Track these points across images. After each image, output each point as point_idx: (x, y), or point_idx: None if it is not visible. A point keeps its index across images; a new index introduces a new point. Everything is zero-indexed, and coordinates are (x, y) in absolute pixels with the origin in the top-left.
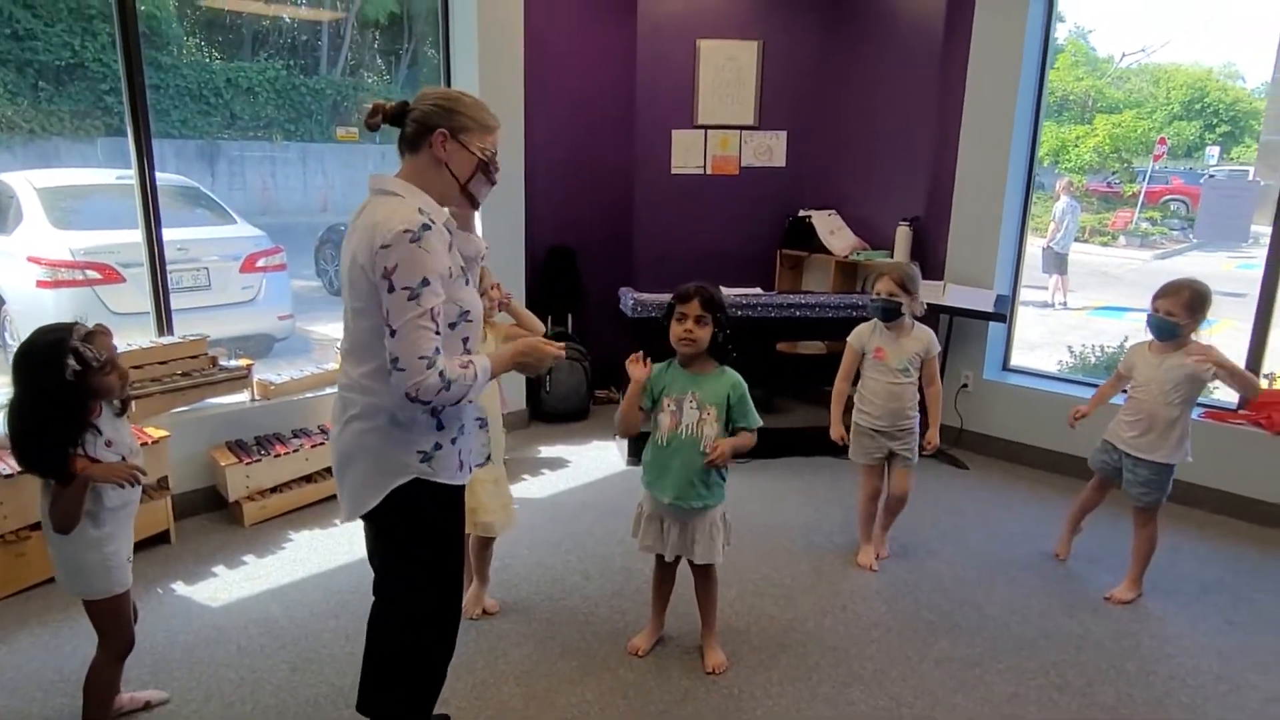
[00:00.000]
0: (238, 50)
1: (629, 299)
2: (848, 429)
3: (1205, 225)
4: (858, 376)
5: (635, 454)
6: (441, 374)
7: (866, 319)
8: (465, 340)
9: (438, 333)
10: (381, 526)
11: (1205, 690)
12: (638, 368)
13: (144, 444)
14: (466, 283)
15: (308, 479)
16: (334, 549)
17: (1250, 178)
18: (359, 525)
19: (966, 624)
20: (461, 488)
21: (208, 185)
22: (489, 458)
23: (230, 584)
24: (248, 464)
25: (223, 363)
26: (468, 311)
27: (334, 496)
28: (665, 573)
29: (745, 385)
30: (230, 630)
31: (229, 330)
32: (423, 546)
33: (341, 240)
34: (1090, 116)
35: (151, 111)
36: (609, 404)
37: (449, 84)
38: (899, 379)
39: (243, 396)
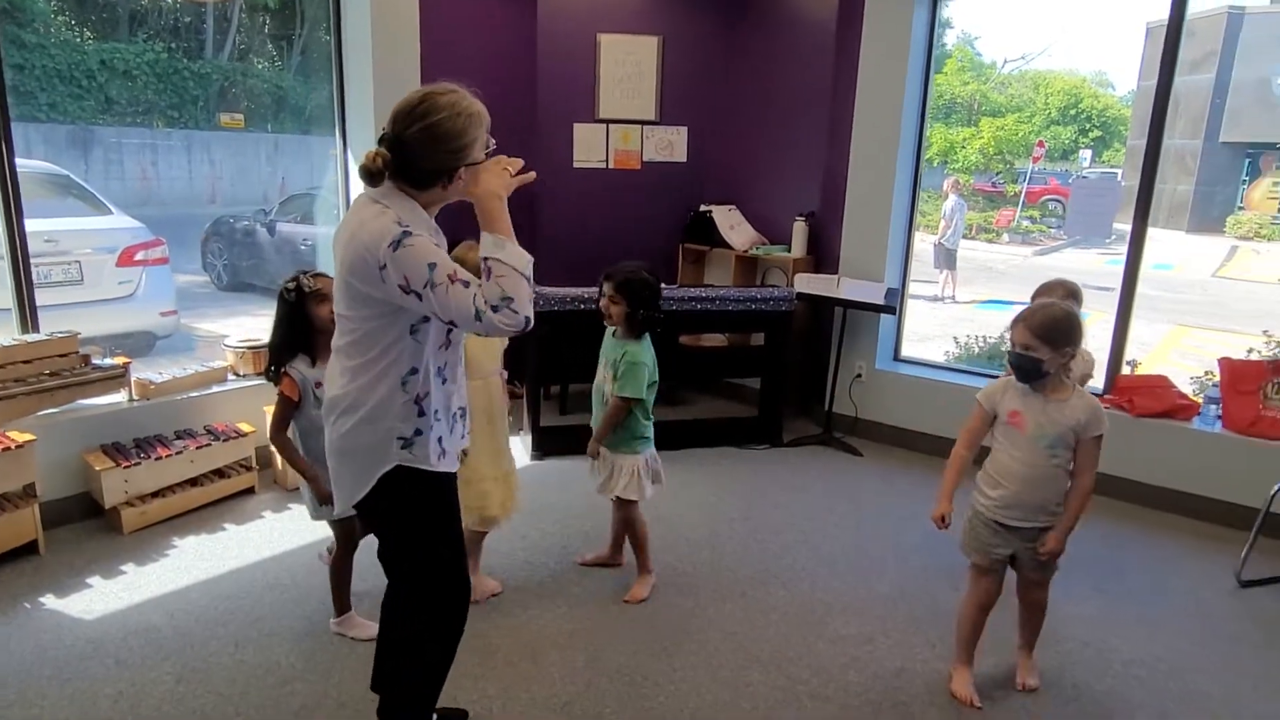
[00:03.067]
0: (113, 30)
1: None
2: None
3: (1074, 223)
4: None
5: (540, 448)
6: (494, 309)
7: (767, 312)
8: (449, 332)
9: (466, 284)
10: (373, 516)
11: (1073, 655)
12: None
13: (6, 449)
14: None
15: (193, 482)
16: (222, 554)
17: (1120, 179)
18: (248, 529)
19: (859, 603)
20: (447, 475)
21: (80, 173)
22: (465, 453)
23: (107, 595)
24: (126, 468)
25: (96, 361)
26: None
27: (222, 500)
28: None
29: (638, 358)
30: (108, 644)
31: (105, 327)
32: (413, 532)
33: (230, 232)
34: (976, 119)
35: (13, 93)
36: (513, 399)
37: (340, 73)
38: (1041, 460)
39: (119, 397)
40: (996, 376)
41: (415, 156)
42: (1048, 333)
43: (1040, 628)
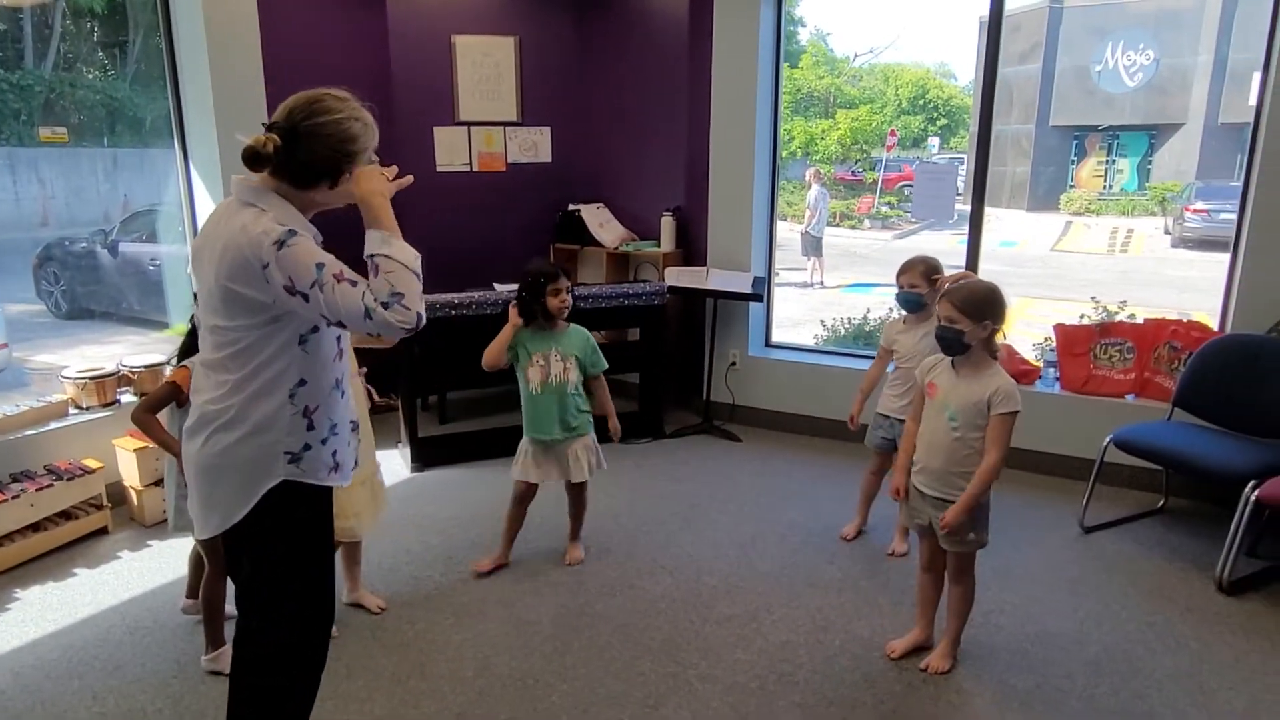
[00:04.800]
0: None
1: None
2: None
3: (919, 206)
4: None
5: (420, 459)
6: (385, 305)
7: (641, 307)
8: (339, 339)
9: (354, 283)
10: (250, 534)
11: (941, 610)
12: (514, 314)
13: None
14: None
15: (35, 527)
16: (74, 601)
17: (963, 164)
18: (102, 572)
19: (743, 583)
20: (331, 490)
21: None
22: (356, 461)
23: None
24: None
25: None
26: None
27: (71, 544)
28: (521, 508)
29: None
30: None
31: None
32: (293, 550)
33: (65, 256)
34: (833, 112)
35: None
36: (387, 411)
37: (175, 81)
38: (941, 428)
39: None
40: (870, 356)
41: (304, 151)
42: (967, 305)
43: (960, 613)
